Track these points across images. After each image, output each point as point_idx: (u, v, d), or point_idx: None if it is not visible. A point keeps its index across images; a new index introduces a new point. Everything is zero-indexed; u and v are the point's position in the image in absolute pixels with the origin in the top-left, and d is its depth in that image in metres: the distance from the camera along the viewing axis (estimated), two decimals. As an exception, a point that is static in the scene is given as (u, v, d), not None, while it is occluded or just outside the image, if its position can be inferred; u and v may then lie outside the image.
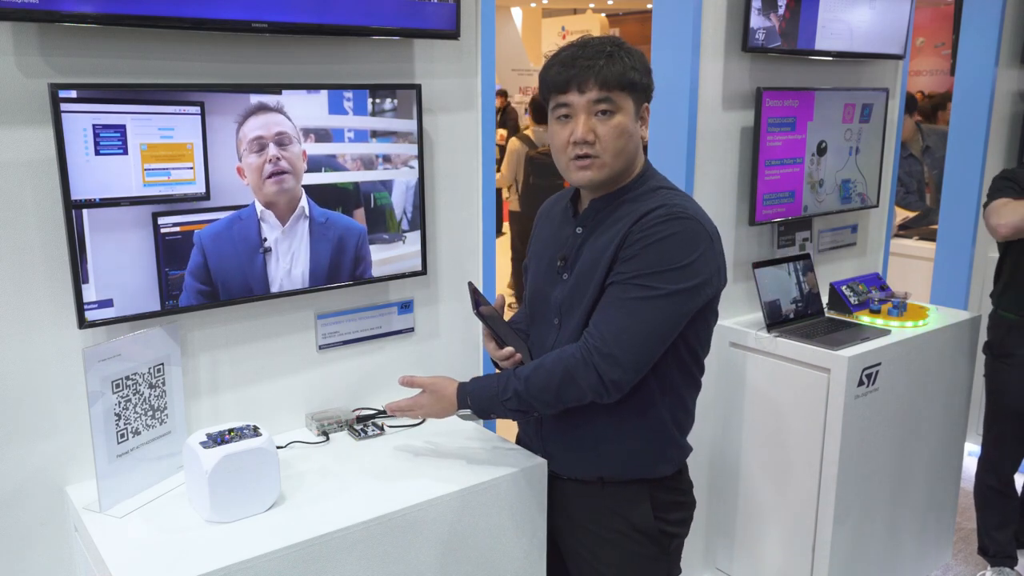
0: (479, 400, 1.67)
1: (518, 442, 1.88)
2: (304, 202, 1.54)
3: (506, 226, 6.46)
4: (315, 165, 1.58)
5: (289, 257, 1.50)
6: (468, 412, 1.70)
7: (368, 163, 1.74)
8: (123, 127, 1.46)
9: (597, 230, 1.63)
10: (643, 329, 1.53)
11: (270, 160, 1.48)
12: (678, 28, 2.48)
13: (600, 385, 1.55)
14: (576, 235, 1.68)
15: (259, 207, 1.49)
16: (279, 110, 1.50)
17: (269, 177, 1.49)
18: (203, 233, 1.42)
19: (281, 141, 1.49)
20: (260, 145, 1.48)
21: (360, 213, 1.69)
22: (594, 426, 1.66)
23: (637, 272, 1.53)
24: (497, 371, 1.78)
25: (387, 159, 1.75)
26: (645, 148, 1.68)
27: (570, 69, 1.54)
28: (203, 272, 1.43)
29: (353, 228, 1.69)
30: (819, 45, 2.71)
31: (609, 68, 1.52)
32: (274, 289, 1.52)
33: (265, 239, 1.43)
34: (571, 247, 1.68)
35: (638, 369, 1.56)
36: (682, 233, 1.53)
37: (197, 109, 1.47)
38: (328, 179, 1.63)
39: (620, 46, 1.56)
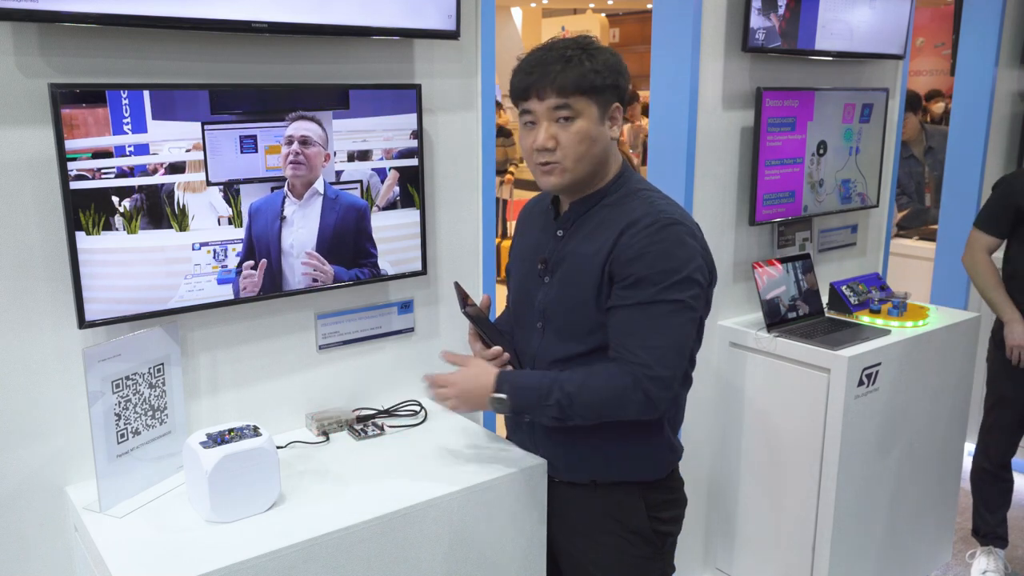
0: (521, 391, 1.60)
1: None
2: (319, 184, 1.85)
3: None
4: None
5: (302, 224, 1.84)
6: (503, 397, 1.61)
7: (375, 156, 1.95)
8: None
9: (579, 234, 1.63)
10: (678, 343, 1.54)
11: (291, 153, 1.81)
12: (678, 28, 2.48)
13: (649, 405, 1.53)
14: (557, 238, 1.67)
15: (286, 187, 1.82)
16: (313, 119, 1.82)
17: (289, 165, 1.81)
18: (253, 203, 1.77)
19: (304, 141, 1.81)
20: (288, 141, 1.80)
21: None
22: (589, 430, 1.64)
23: (657, 288, 1.52)
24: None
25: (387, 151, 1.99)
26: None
27: (529, 76, 1.54)
28: (248, 232, 1.79)
29: (357, 203, 1.91)
30: (819, 45, 2.71)
31: (565, 74, 1.51)
32: (285, 246, 1.83)
33: (283, 211, 1.81)
34: (552, 250, 1.67)
35: (679, 384, 1.59)
36: (676, 241, 1.53)
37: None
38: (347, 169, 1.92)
39: (584, 49, 1.53)
